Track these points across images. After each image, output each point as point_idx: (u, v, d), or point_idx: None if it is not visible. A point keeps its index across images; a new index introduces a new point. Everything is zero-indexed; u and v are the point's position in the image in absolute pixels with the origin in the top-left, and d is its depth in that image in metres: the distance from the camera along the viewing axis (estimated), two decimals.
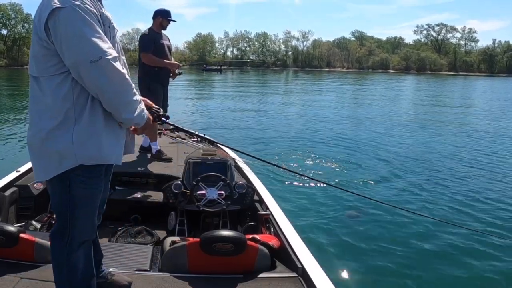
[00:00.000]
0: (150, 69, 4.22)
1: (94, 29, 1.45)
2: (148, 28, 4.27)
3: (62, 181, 1.56)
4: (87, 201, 1.62)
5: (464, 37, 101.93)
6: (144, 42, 4.19)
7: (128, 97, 1.54)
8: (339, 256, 3.75)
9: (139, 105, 1.61)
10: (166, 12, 4.23)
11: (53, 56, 1.48)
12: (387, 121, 13.25)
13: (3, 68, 60.88)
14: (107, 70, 1.45)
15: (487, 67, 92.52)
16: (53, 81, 1.50)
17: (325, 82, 42.17)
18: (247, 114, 13.83)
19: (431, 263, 3.71)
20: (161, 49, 4.20)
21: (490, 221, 4.67)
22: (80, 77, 1.47)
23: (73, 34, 1.42)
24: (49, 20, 1.43)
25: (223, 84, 33.11)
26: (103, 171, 1.66)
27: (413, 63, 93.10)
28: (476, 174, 6.78)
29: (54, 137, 1.50)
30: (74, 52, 1.43)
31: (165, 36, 4.37)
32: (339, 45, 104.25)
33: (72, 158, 1.51)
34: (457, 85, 43.10)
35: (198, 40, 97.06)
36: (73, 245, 1.63)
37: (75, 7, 1.42)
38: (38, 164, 1.58)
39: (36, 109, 1.54)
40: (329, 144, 9.03)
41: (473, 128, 12.18)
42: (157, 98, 4.16)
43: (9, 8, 73.58)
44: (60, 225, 1.63)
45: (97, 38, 1.44)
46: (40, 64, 1.51)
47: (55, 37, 1.44)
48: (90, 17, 1.45)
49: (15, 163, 3.77)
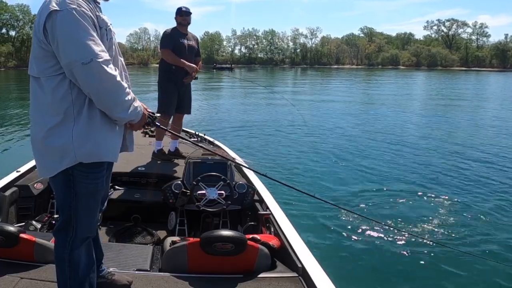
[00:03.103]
0: (166, 66, 4.14)
1: (88, 32, 1.50)
2: (173, 27, 4.21)
3: (65, 178, 1.61)
4: (90, 198, 1.67)
5: (475, 32, 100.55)
6: (162, 38, 4.17)
7: (120, 98, 1.59)
8: (339, 256, 3.73)
9: (133, 103, 1.66)
10: (178, 9, 4.17)
11: (51, 57, 1.54)
12: (404, 122, 12.75)
13: (12, 69, 61.60)
14: (98, 72, 1.50)
15: (499, 62, 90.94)
16: (52, 81, 1.55)
17: (335, 79, 41.84)
18: (256, 116, 13.55)
19: (431, 263, 3.67)
20: (179, 49, 4.09)
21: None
22: (74, 78, 1.52)
23: (68, 36, 1.48)
24: (47, 22, 1.49)
25: (232, 83, 33.03)
26: (106, 168, 1.71)
27: (424, 59, 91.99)
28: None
29: (54, 134, 1.55)
30: (68, 53, 1.48)
31: (191, 37, 4.26)
32: (348, 41, 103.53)
33: (72, 155, 1.56)
34: (471, 81, 42.28)
35: (206, 39, 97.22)
36: (76, 242, 1.67)
37: (71, 10, 1.48)
38: (41, 162, 1.64)
39: (38, 108, 1.59)
40: (339, 148, 8.75)
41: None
42: (168, 97, 4.14)
43: (17, 9, 74.14)
44: (64, 221, 1.67)
45: (90, 41, 1.49)
46: (40, 65, 1.56)
47: (52, 39, 1.50)
48: (85, 21, 1.50)
49: (15, 163, 3.80)
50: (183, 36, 4.15)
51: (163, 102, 4.13)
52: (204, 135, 4.96)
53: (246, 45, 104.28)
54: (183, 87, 4.25)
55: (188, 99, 4.37)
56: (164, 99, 4.15)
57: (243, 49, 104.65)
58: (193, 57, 4.26)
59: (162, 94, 4.18)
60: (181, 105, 4.26)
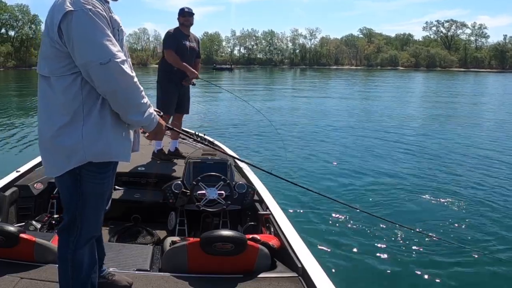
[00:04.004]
0: (167, 67, 4.14)
1: (104, 33, 1.50)
2: (175, 27, 4.19)
3: (72, 177, 1.60)
4: (96, 198, 1.67)
5: (474, 33, 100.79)
6: (166, 39, 4.15)
7: (136, 100, 1.58)
8: (339, 256, 3.72)
9: (148, 109, 1.64)
10: (181, 9, 4.16)
11: (64, 57, 1.53)
12: (406, 122, 12.65)
13: (11, 70, 61.43)
14: (116, 72, 1.49)
15: (498, 63, 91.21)
16: (63, 80, 1.54)
17: (334, 80, 41.79)
18: (256, 117, 13.50)
19: (432, 263, 3.66)
20: (181, 50, 4.08)
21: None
22: (90, 78, 1.51)
23: (85, 36, 1.47)
24: (62, 22, 1.48)
25: (232, 82, 33.01)
26: (112, 168, 1.71)
27: (423, 60, 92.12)
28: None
29: (64, 134, 1.54)
30: (85, 54, 1.48)
31: (193, 38, 4.25)
32: (347, 42, 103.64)
33: (81, 154, 1.55)
34: (469, 81, 42.26)
35: (205, 39, 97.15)
36: (80, 242, 1.67)
37: (87, 10, 1.47)
38: (48, 160, 1.63)
39: (47, 108, 1.58)
40: (341, 147, 8.70)
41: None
42: (169, 97, 4.15)
43: (17, 9, 73.68)
44: (69, 221, 1.67)
45: (107, 41, 1.49)
46: (51, 65, 1.55)
47: (67, 39, 1.49)
48: (101, 21, 1.50)
49: (15, 163, 3.80)
50: (186, 38, 4.16)
51: (164, 103, 4.13)
52: (204, 135, 4.97)
53: (245, 46, 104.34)
54: (183, 88, 4.26)
55: (187, 98, 4.39)
56: (164, 99, 4.16)
57: (242, 49, 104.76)
58: (194, 59, 4.27)
59: (162, 95, 4.19)
60: (180, 105, 4.28)
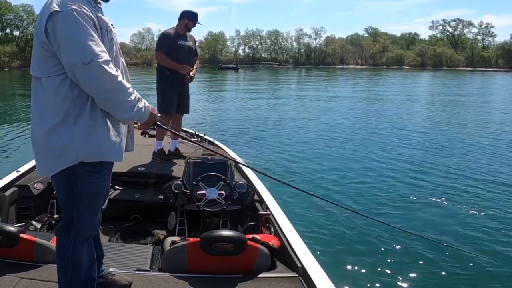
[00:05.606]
0: (162, 68, 4.17)
1: (88, 33, 1.51)
2: (171, 27, 4.19)
3: (67, 177, 1.62)
4: (92, 197, 1.68)
5: (481, 32, 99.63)
6: (159, 41, 4.17)
7: (122, 98, 1.60)
8: (339, 256, 3.73)
9: (137, 103, 1.65)
10: (193, 15, 4.13)
11: (53, 58, 1.55)
12: (406, 121, 12.64)
13: (16, 69, 61.82)
14: (98, 72, 1.51)
15: (505, 62, 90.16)
16: (53, 81, 1.57)
17: (340, 79, 41.56)
18: (256, 116, 13.46)
19: (432, 263, 3.65)
20: (177, 51, 4.08)
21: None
22: (75, 78, 1.53)
23: (69, 36, 1.49)
24: (48, 23, 1.51)
25: (237, 83, 32.99)
26: (107, 168, 1.72)
27: (429, 59, 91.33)
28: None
29: (54, 134, 1.57)
30: (68, 54, 1.50)
31: (189, 37, 4.25)
32: (353, 41, 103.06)
33: (73, 155, 1.57)
34: (477, 81, 41.80)
35: (209, 39, 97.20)
36: (78, 241, 1.68)
37: (72, 11, 1.49)
38: (40, 160, 1.66)
39: (38, 108, 1.61)
40: (343, 151, 8.58)
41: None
42: (167, 98, 4.16)
43: (21, 9, 73.72)
44: (67, 220, 1.68)
45: (90, 41, 1.50)
46: (41, 65, 1.58)
47: (53, 40, 1.52)
48: (86, 21, 1.51)
49: (15, 163, 3.83)
50: (182, 37, 4.16)
51: (163, 103, 4.17)
52: (204, 135, 4.98)
53: (250, 45, 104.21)
54: (182, 88, 4.27)
55: (187, 98, 4.40)
56: (163, 100, 4.19)
57: (246, 49, 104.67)
58: (192, 57, 4.29)
59: (161, 95, 4.22)
60: (180, 105, 4.29)
